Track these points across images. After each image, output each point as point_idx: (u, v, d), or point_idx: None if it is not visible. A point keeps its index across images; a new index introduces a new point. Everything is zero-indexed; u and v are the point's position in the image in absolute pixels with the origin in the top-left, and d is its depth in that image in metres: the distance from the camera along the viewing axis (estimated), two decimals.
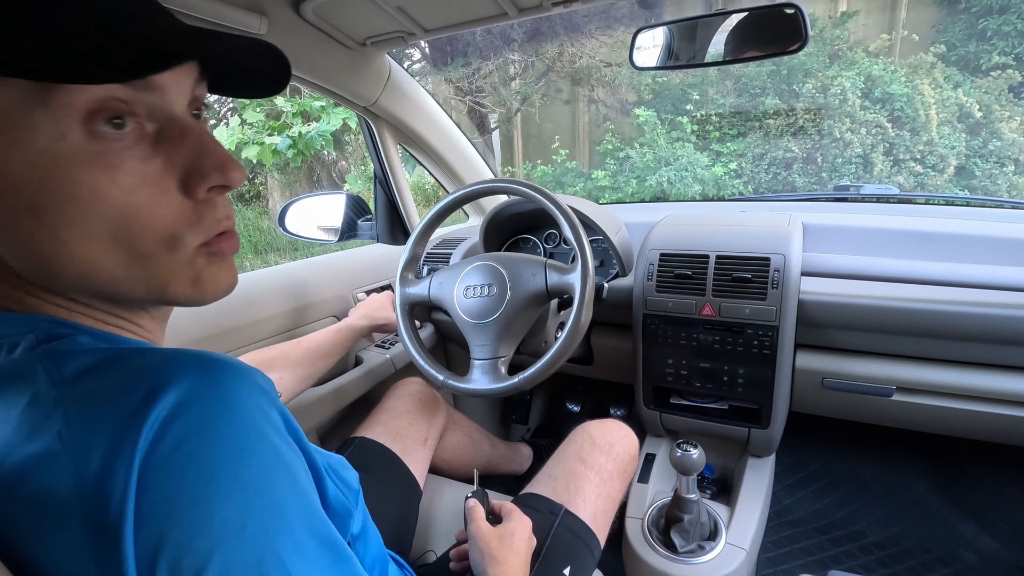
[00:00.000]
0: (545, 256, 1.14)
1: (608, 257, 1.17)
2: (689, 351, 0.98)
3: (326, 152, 6.39)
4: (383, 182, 1.33)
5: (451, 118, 1.38)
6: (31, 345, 0.31)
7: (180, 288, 0.34)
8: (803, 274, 0.91)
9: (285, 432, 0.33)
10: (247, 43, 0.33)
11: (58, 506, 0.27)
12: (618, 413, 1.54)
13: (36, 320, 0.32)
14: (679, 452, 0.82)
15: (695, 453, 0.82)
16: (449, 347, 1.45)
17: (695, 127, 5.77)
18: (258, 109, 5.32)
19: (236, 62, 0.36)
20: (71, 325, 0.33)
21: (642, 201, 3.03)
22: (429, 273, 0.95)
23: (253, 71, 0.38)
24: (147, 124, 0.32)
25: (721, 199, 3.24)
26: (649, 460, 1.11)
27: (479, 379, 0.85)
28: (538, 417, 1.68)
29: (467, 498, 0.70)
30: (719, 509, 0.97)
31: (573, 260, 0.83)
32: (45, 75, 0.27)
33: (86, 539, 0.27)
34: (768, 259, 0.91)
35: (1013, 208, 1.17)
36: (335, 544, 0.32)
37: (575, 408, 1.62)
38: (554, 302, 0.98)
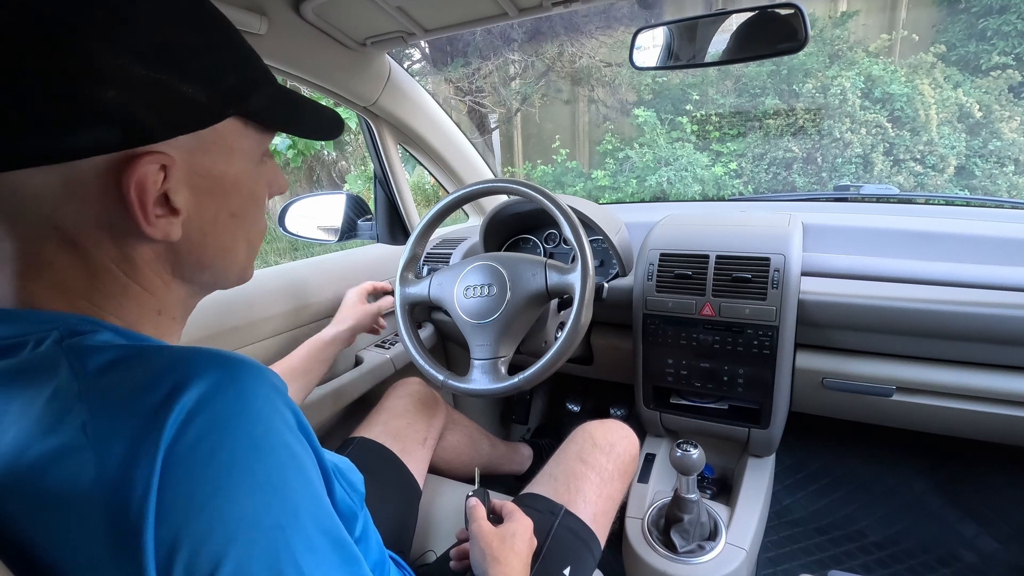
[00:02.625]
0: (545, 256, 1.14)
1: (608, 257, 1.17)
2: (689, 351, 0.98)
3: (326, 152, 6.39)
4: (383, 182, 1.33)
5: (451, 118, 1.38)
6: (56, 340, 0.32)
7: (248, 274, 0.43)
8: (803, 274, 0.91)
9: (298, 431, 0.34)
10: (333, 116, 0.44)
11: (78, 499, 0.27)
12: (618, 413, 1.54)
13: (61, 317, 0.33)
14: (679, 452, 0.82)
15: (695, 453, 0.82)
16: (449, 347, 1.45)
17: (695, 127, 5.77)
18: None
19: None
20: (94, 322, 0.34)
21: (642, 201, 3.03)
22: (429, 273, 0.95)
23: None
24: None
25: (721, 199, 3.24)
26: (649, 460, 1.11)
27: (479, 379, 0.85)
28: (538, 417, 1.68)
29: (468, 497, 0.70)
30: (719, 509, 0.97)
31: (573, 260, 0.83)
32: (272, 127, 0.40)
33: (105, 532, 0.27)
34: (768, 259, 0.91)
35: (1013, 208, 1.17)
36: (345, 544, 0.33)
37: (575, 408, 1.62)
38: (554, 302, 0.98)
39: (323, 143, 5.93)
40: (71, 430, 0.28)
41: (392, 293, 0.99)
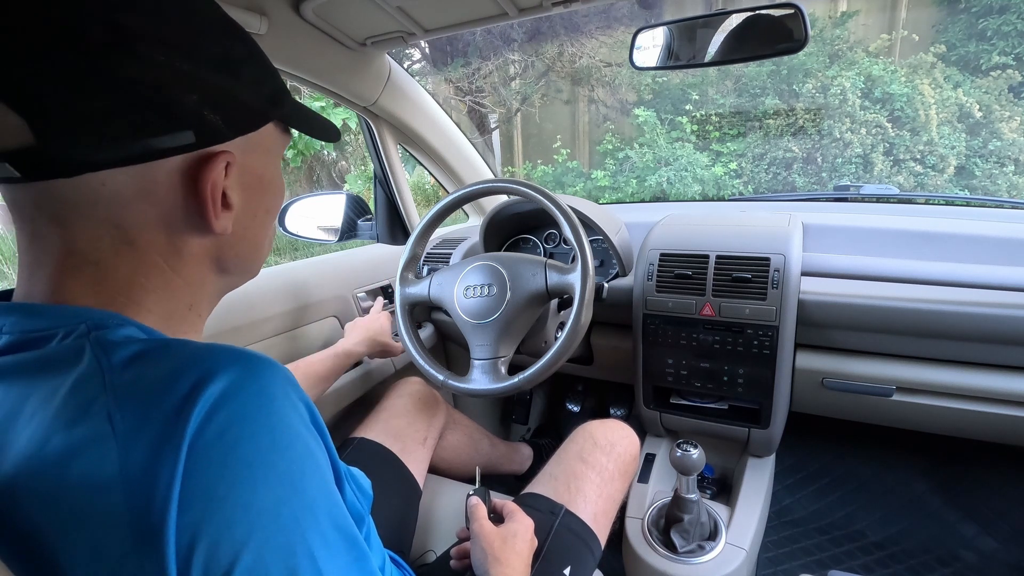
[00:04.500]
0: (545, 256, 1.14)
1: (608, 257, 1.17)
2: (689, 351, 0.98)
3: (326, 152, 6.39)
4: (383, 182, 1.33)
5: (451, 118, 1.38)
6: (83, 333, 0.33)
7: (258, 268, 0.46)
8: (803, 274, 0.91)
9: (311, 427, 0.35)
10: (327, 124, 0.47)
11: (100, 490, 0.28)
12: (618, 413, 1.54)
13: (88, 312, 0.34)
14: (679, 452, 0.82)
15: (695, 453, 0.82)
16: (449, 347, 1.45)
17: (695, 127, 5.77)
18: None
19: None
20: (120, 318, 0.35)
21: (642, 201, 3.02)
22: (429, 273, 0.95)
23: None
24: None
25: (721, 199, 3.24)
26: (649, 460, 1.11)
27: (479, 379, 0.85)
28: (538, 417, 1.68)
29: (469, 496, 0.70)
30: (719, 509, 0.97)
31: (573, 260, 0.83)
32: (295, 129, 0.44)
33: (127, 521, 0.27)
34: (768, 259, 0.91)
35: (1013, 208, 1.17)
36: (356, 540, 0.34)
37: (575, 408, 1.62)
38: (554, 302, 0.98)
39: (323, 144, 5.92)
40: (96, 420, 0.29)
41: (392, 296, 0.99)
